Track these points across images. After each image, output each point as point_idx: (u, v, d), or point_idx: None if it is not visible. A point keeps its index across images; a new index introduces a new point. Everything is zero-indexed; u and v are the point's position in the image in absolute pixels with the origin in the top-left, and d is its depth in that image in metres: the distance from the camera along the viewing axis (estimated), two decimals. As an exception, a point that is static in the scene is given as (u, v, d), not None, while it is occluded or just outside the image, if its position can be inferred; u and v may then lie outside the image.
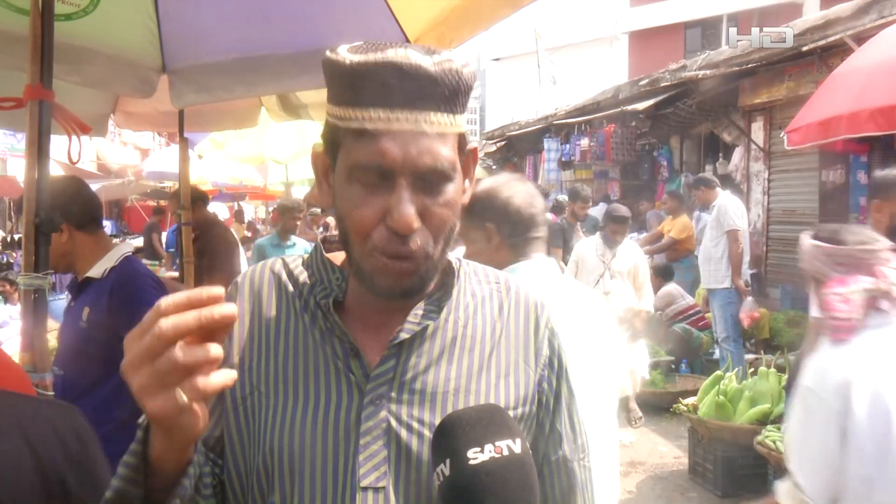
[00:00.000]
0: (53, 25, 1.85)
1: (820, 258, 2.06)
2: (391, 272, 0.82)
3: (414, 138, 0.78)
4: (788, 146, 4.77)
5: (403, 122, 0.78)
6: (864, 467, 1.76)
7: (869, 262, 1.93)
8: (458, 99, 0.82)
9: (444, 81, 0.79)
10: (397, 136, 0.78)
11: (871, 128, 3.76)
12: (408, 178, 0.79)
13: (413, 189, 0.80)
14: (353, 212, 0.81)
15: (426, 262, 0.83)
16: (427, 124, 0.79)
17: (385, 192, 0.79)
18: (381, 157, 0.78)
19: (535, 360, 0.94)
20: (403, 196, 0.79)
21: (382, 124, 0.78)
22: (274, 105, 3.74)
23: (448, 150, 0.81)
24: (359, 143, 0.79)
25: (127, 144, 17.68)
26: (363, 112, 0.78)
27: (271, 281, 0.94)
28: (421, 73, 0.78)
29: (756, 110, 8.08)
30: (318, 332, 0.89)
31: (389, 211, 0.79)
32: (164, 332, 0.61)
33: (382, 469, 0.83)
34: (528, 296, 0.98)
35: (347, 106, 0.80)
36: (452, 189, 0.83)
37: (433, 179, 0.80)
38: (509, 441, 0.75)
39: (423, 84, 0.78)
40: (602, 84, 12.03)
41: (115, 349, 2.38)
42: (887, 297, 1.88)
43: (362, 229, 0.81)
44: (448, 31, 2.43)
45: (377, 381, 0.85)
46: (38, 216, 1.73)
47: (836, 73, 4.58)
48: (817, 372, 1.92)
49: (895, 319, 1.88)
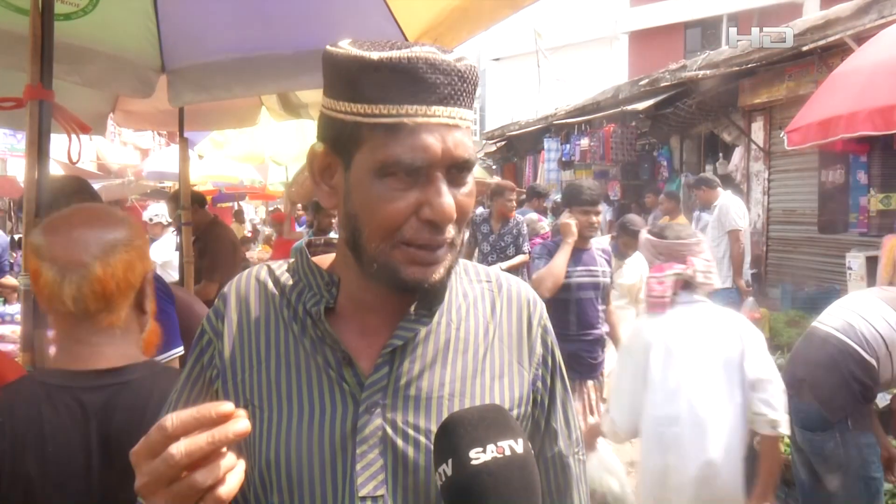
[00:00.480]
0: (53, 25, 1.85)
1: (649, 248, 2.62)
2: (423, 262, 0.82)
3: (450, 132, 0.80)
4: (788, 146, 4.76)
5: (441, 116, 0.79)
6: (657, 408, 2.37)
7: (682, 253, 2.49)
8: (474, 95, 0.85)
9: (468, 78, 0.82)
10: (435, 129, 0.79)
11: (869, 127, 3.76)
12: (443, 170, 0.80)
13: (447, 181, 0.81)
14: (383, 207, 0.80)
15: (451, 252, 0.85)
16: (459, 119, 0.81)
17: (419, 185, 0.80)
18: (423, 151, 0.79)
19: (529, 360, 0.94)
20: (443, 188, 0.80)
21: (422, 119, 0.79)
22: (274, 104, 3.74)
23: (471, 143, 0.84)
24: (393, 138, 0.79)
25: (127, 144, 17.67)
26: (398, 108, 0.79)
27: (258, 290, 0.93)
28: (452, 69, 0.80)
29: (756, 110, 8.08)
30: (309, 341, 0.88)
31: (428, 203, 0.80)
32: (178, 461, 0.62)
33: (380, 477, 0.83)
34: (519, 293, 0.98)
35: (374, 102, 0.79)
36: (471, 180, 0.85)
37: (461, 170, 0.82)
38: (511, 441, 0.74)
39: (453, 80, 0.80)
40: (602, 84, 12.03)
41: None
42: (693, 281, 2.46)
43: (393, 224, 0.81)
44: (447, 31, 2.42)
45: (371, 390, 0.85)
46: (38, 216, 1.73)
47: (836, 73, 4.57)
48: (632, 335, 2.58)
49: (698, 299, 2.47)
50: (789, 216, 7.88)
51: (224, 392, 0.88)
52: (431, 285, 0.83)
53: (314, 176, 0.88)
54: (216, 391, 0.89)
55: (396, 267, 0.82)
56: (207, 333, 0.92)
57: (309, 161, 0.89)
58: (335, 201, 0.87)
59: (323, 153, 0.86)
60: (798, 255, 7.60)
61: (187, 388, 0.93)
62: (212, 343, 0.91)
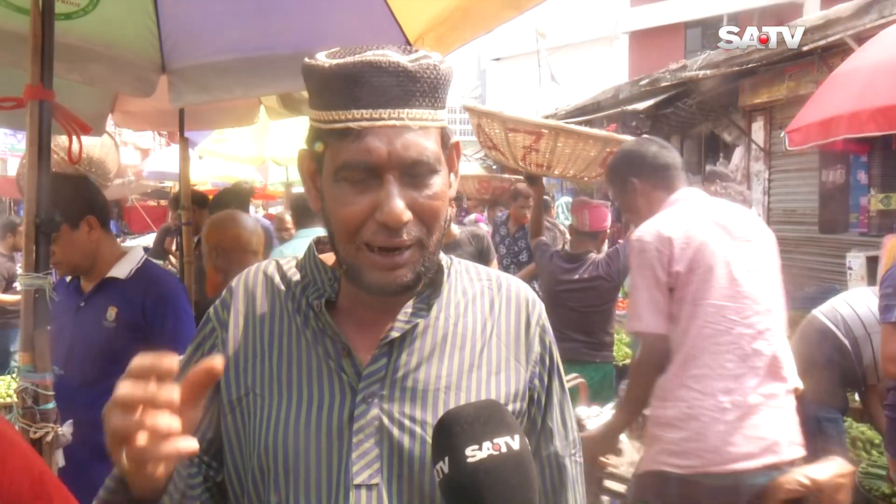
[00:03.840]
0: (54, 25, 1.85)
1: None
2: (383, 267, 0.83)
3: (398, 134, 0.80)
4: (790, 147, 4.76)
5: (387, 118, 0.80)
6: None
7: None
8: (438, 94, 0.84)
9: (423, 77, 0.82)
10: (382, 133, 0.80)
11: (871, 128, 3.76)
12: (395, 173, 0.81)
13: (401, 184, 0.81)
14: (341, 209, 0.83)
15: (423, 254, 0.85)
16: (410, 120, 0.81)
17: (373, 188, 0.81)
18: (368, 154, 0.80)
19: (527, 358, 0.95)
20: (392, 191, 0.81)
21: (367, 122, 0.80)
22: (273, 103, 3.74)
23: (432, 144, 0.83)
24: (344, 143, 0.81)
25: (127, 144, 17.67)
26: (346, 113, 0.81)
27: (265, 283, 0.95)
28: (400, 70, 0.80)
29: (756, 110, 8.09)
30: (311, 333, 0.90)
31: (379, 206, 0.81)
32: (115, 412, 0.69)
33: (375, 466, 0.84)
34: (519, 293, 0.99)
35: (330, 109, 0.82)
36: (439, 181, 0.85)
37: (420, 172, 0.83)
38: (508, 438, 0.75)
39: (402, 81, 0.80)
40: (602, 84, 12.03)
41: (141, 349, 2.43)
42: None
43: (351, 226, 0.83)
44: (448, 31, 2.42)
45: (369, 380, 0.86)
46: (38, 216, 1.73)
47: (836, 73, 4.57)
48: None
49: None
50: (790, 216, 7.88)
51: (225, 380, 0.90)
52: (397, 288, 0.84)
53: (304, 181, 0.92)
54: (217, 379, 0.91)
55: (361, 270, 0.84)
56: (212, 322, 0.95)
57: (299, 165, 0.93)
58: (319, 204, 0.90)
59: (308, 157, 0.90)
60: (798, 255, 7.60)
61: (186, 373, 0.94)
62: (215, 332, 0.94)
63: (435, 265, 0.89)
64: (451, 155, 0.90)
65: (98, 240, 2.16)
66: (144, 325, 2.13)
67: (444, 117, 0.87)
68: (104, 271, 2.18)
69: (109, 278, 2.17)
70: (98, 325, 2.12)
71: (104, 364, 2.11)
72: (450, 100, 0.90)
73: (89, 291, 2.19)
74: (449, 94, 0.87)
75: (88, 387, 2.09)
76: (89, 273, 2.19)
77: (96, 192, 2.24)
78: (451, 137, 0.90)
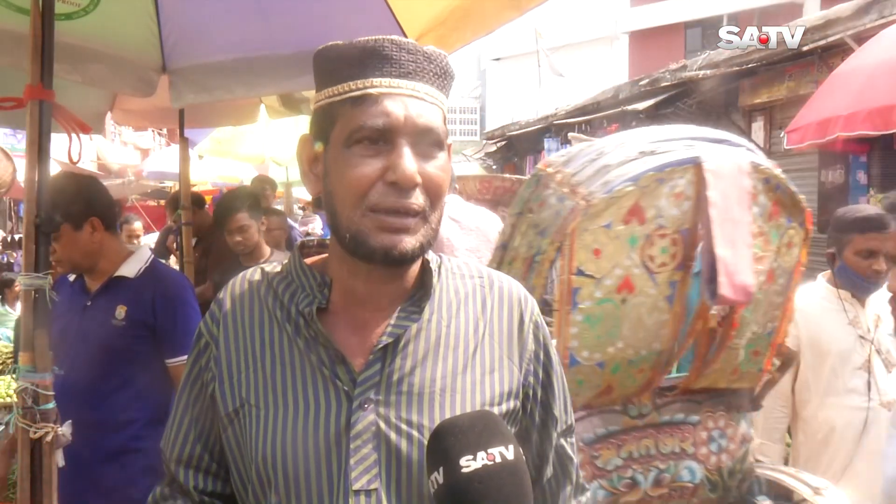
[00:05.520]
0: (54, 25, 1.85)
1: None
2: (390, 229, 0.84)
3: (413, 102, 0.84)
4: (787, 146, 4.77)
5: (404, 88, 0.84)
6: None
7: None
8: (445, 81, 0.89)
9: (436, 61, 0.87)
10: (398, 98, 0.84)
11: (869, 127, 3.76)
12: (408, 138, 0.84)
13: (412, 150, 0.84)
14: (351, 171, 0.84)
15: (424, 226, 0.86)
16: (424, 93, 0.86)
17: (384, 153, 0.83)
18: (386, 116, 0.83)
19: (521, 356, 0.95)
20: (405, 152, 0.83)
21: (385, 89, 0.84)
22: (274, 101, 3.74)
23: (440, 120, 0.87)
24: (360, 107, 0.84)
25: (127, 144, 17.67)
26: (364, 81, 0.84)
27: (251, 292, 0.96)
28: (417, 49, 0.86)
29: (756, 110, 8.08)
30: (303, 341, 0.90)
31: (392, 167, 0.83)
32: None
33: (374, 472, 0.85)
34: (511, 290, 0.99)
35: (346, 81, 0.85)
36: (444, 157, 0.88)
37: (430, 142, 0.85)
38: (502, 448, 0.76)
39: (418, 59, 0.86)
40: (602, 84, 12.02)
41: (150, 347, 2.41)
42: None
43: (360, 188, 0.83)
44: (449, 32, 2.43)
45: (364, 386, 0.87)
46: (38, 216, 1.73)
47: (836, 73, 4.58)
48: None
49: None
50: (789, 216, 7.87)
51: (220, 394, 0.91)
52: (402, 254, 0.84)
53: (302, 166, 0.93)
54: (213, 393, 0.92)
55: (366, 234, 0.84)
56: (204, 336, 0.95)
57: (298, 152, 0.94)
58: (320, 188, 0.91)
59: (308, 143, 0.92)
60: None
61: (188, 387, 0.97)
62: (208, 346, 0.94)
63: (433, 241, 0.89)
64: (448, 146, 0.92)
65: (101, 241, 2.16)
66: (154, 323, 2.15)
67: (446, 105, 0.91)
68: (110, 271, 2.18)
69: (117, 277, 2.18)
70: (106, 323, 2.12)
71: (111, 362, 2.11)
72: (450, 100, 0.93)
73: (96, 291, 2.19)
74: (451, 86, 0.91)
75: (94, 386, 2.09)
76: (93, 272, 2.20)
77: (101, 193, 2.23)
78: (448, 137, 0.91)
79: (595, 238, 1.74)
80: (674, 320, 1.88)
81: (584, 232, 1.73)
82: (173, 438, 0.96)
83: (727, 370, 2.02)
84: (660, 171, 1.73)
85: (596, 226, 1.73)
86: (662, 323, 1.84)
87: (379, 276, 0.89)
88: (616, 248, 1.73)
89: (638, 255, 1.77)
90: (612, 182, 1.73)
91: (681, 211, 1.77)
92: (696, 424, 2.02)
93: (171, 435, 0.97)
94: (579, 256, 1.72)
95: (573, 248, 1.71)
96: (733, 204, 1.77)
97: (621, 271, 1.75)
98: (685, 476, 1.99)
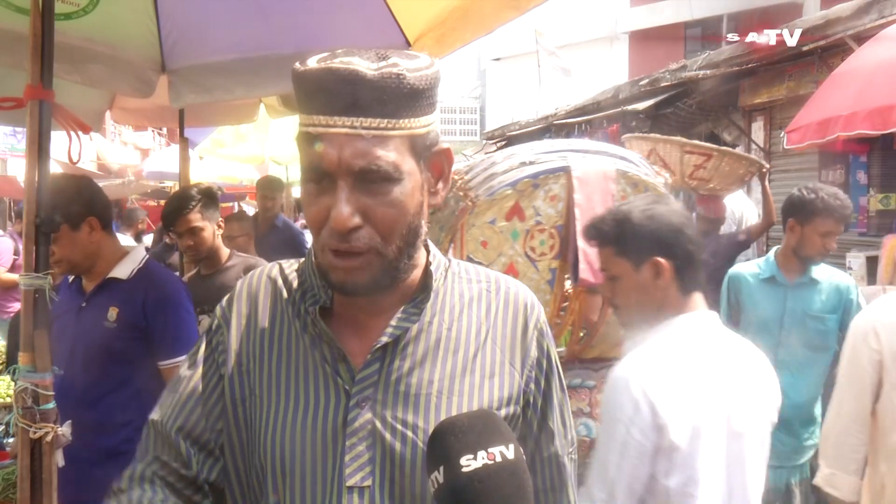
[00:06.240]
0: (54, 25, 1.85)
1: None
2: (338, 268, 0.85)
3: (349, 141, 0.81)
4: (787, 145, 4.77)
5: (340, 126, 0.81)
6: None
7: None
8: (402, 102, 0.83)
9: (383, 86, 0.81)
10: (334, 139, 0.81)
11: (868, 127, 3.76)
12: (346, 178, 0.82)
13: (353, 189, 0.82)
14: (307, 209, 0.86)
15: (378, 260, 0.85)
16: (362, 128, 0.81)
17: (328, 192, 0.83)
18: (320, 159, 0.82)
19: (523, 362, 0.95)
20: (340, 196, 0.82)
21: (322, 128, 0.82)
22: (273, 101, 3.74)
23: (388, 153, 0.82)
24: (305, 146, 0.84)
25: (127, 144, 17.66)
26: (307, 118, 0.84)
27: (267, 287, 0.97)
28: (357, 78, 0.80)
29: (756, 110, 8.08)
30: (309, 338, 0.91)
31: (330, 212, 0.83)
32: None
33: (367, 469, 0.86)
34: (517, 296, 0.99)
35: (301, 112, 0.86)
36: (398, 190, 0.84)
37: (373, 180, 0.82)
38: (502, 447, 0.76)
39: (358, 89, 0.81)
40: (602, 84, 12.02)
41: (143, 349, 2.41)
42: None
43: (314, 226, 0.85)
44: (448, 32, 2.43)
45: (362, 385, 0.88)
46: (38, 216, 1.73)
47: (836, 73, 4.58)
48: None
49: None
50: (789, 216, 7.85)
51: (229, 378, 0.92)
52: (355, 289, 0.86)
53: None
54: (223, 375, 0.93)
55: (326, 270, 0.86)
56: (218, 319, 0.97)
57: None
58: None
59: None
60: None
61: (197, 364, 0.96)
62: (220, 328, 0.96)
63: (406, 270, 0.89)
64: (434, 162, 0.90)
65: (99, 241, 2.16)
66: (145, 325, 2.14)
67: (414, 125, 0.84)
68: (105, 272, 2.18)
69: (111, 278, 2.18)
70: (99, 325, 2.12)
71: (106, 364, 2.11)
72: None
73: (91, 291, 2.19)
74: (426, 101, 0.85)
75: (89, 387, 2.09)
76: (90, 273, 2.20)
77: (98, 193, 2.24)
78: (436, 144, 0.89)
79: (482, 232, 2.17)
80: (554, 301, 2.34)
81: (471, 227, 2.16)
82: (177, 409, 0.94)
83: (612, 342, 2.40)
84: (535, 178, 2.16)
85: (482, 222, 2.17)
86: (545, 303, 2.24)
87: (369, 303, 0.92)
88: (500, 240, 2.18)
89: (521, 246, 2.21)
90: (494, 187, 2.16)
91: (556, 210, 2.21)
92: (592, 388, 2.44)
93: (175, 407, 0.94)
94: (469, 246, 2.16)
95: (463, 239, 2.15)
96: (597, 204, 2.16)
97: (506, 259, 2.18)
98: (582, 431, 2.38)
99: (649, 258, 1.52)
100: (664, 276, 1.52)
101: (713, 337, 1.54)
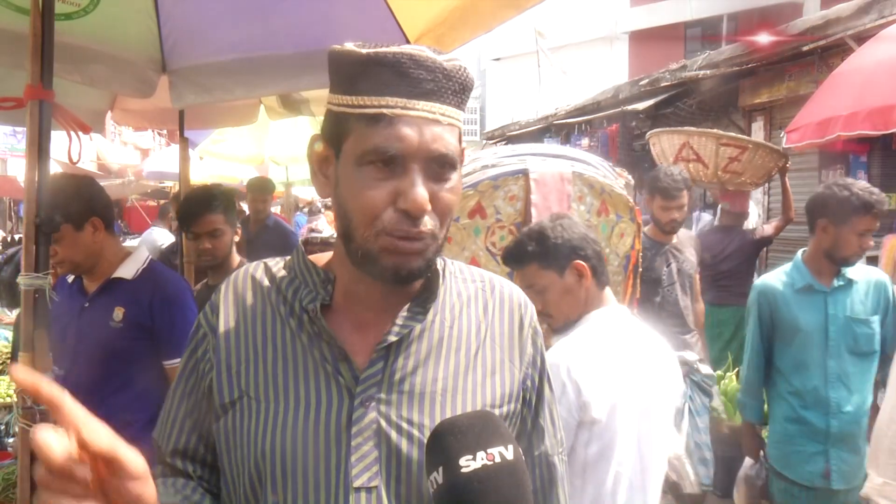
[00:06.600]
0: (54, 25, 1.85)
1: None
2: (400, 252, 0.84)
3: (428, 125, 0.82)
4: (787, 145, 4.77)
5: (420, 110, 0.82)
6: None
7: None
8: (463, 96, 0.86)
9: (455, 77, 0.84)
10: (414, 122, 0.82)
11: (868, 127, 3.76)
12: (420, 163, 0.82)
13: (424, 174, 0.83)
14: (362, 193, 0.83)
15: (433, 245, 0.86)
16: (441, 115, 0.83)
17: (396, 176, 0.82)
18: (399, 141, 0.81)
19: (520, 359, 0.96)
20: (417, 180, 0.82)
21: (401, 110, 0.81)
22: (273, 102, 3.74)
23: (455, 141, 0.86)
24: (374, 128, 0.82)
25: (127, 144, 17.66)
26: (380, 99, 0.82)
27: (254, 286, 0.96)
28: (437, 66, 0.82)
29: (756, 110, 8.08)
30: (306, 337, 0.90)
31: (403, 194, 0.82)
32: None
33: (374, 469, 0.85)
34: (511, 295, 1.00)
35: (361, 94, 0.83)
36: (456, 177, 0.87)
37: (442, 165, 0.84)
38: (501, 448, 0.76)
39: (437, 77, 0.83)
40: (602, 84, 12.02)
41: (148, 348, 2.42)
42: None
43: (371, 211, 0.83)
44: (448, 31, 2.43)
45: (366, 384, 0.87)
46: (38, 216, 1.73)
47: (836, 72, 4.58)
48: None
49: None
50: (789, 216, 7.86)
51: (218, 384, 0.91)
52: (410, 274, 0.85)
53: (312, 165, 0.92)
54: (210, 384, 0.92)
55: (377, 255, 0.85)
56: (203, 328, 0.95)
57: (308, 153, 0.93)
58: (329, 191, 0.90)
59: (320, 144, 0.90)
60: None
61: (183, 379, 0.97)
62: (206, 337, 0.94)
63: (436, 259, 0.90)
64: (462, 157, 0.92)
65: (102, 241, 2.16)
66: (151, 324, 2.15)
67: (461, 118, 0.88)
68: (108, 272, 2.18)
69: (115, 279, 2.18)
70: (104, 325, 2.12)
71: (110, 364, 2.11)
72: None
73: (94, 292, 2.19)
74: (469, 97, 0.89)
75: (92, 387, 2.09)
76: (92, 273, 2.20)
77: (101, 193, 2.24)
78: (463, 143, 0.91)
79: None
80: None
81: (436, 224, 2.39)
82: (169, 430, 0.96)
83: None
84: (494, 180, 2.33)
85: (445, 219, 2.46)
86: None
87: (383, 287, 0.90)
88: (463, 236, 2.34)
89: (482, 242, 2.37)
90: None
91: (515, 209, 2.37)
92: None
93: (167, 427, 0.97)
94: None
95: None
96: (553, 204, 2.35)
97: (469, 253, 2.34)
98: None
99: (570, 263, 1.73)
100: (587, 276, 1.74)
101: (626, 327, 1.76)
